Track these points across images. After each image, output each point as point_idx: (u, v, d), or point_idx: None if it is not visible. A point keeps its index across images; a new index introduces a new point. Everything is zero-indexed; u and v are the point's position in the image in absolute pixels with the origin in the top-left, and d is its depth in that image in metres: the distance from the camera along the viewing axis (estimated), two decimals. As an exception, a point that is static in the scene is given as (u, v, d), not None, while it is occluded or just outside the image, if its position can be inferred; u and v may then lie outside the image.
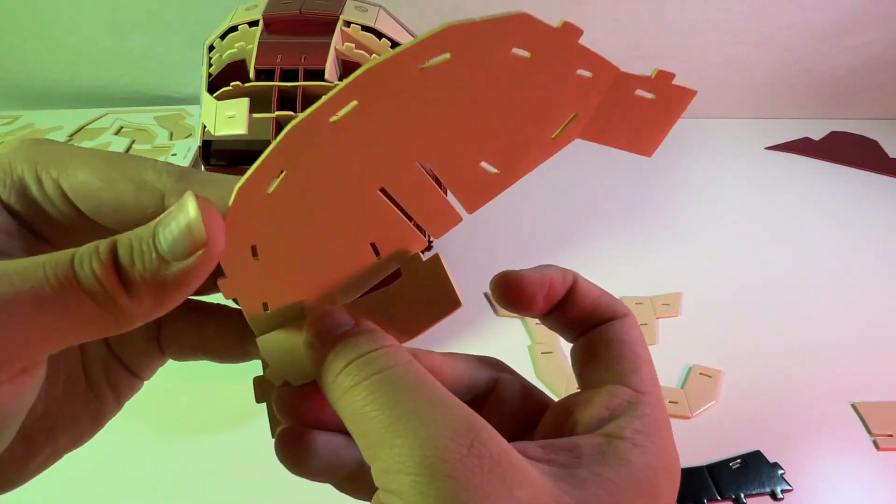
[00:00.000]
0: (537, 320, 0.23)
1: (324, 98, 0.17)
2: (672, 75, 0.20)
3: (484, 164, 0.20)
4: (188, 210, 0.17)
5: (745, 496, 0.40)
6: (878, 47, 0.73)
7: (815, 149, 0.73)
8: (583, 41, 0.19)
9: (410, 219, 0.21)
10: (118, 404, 0.22)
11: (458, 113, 0.19)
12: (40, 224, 0.20)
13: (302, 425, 0.21)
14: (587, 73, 0.19)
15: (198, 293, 0.20)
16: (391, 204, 0.20)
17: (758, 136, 0.75)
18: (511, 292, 0.23)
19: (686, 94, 0.21)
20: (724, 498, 0.40)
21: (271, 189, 0.18)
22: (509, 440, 0.18)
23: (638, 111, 0.21)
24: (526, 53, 0.18)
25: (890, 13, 0.70)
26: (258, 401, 0.22)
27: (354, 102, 0.17)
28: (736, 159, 0.72)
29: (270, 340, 0.21)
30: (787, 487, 0.40)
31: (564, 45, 0.18)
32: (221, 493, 0.41)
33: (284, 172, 0.18)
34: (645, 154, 0.22)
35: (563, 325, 0.23)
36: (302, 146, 0.18)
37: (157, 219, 0.17)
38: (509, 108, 0.19)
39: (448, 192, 0.21)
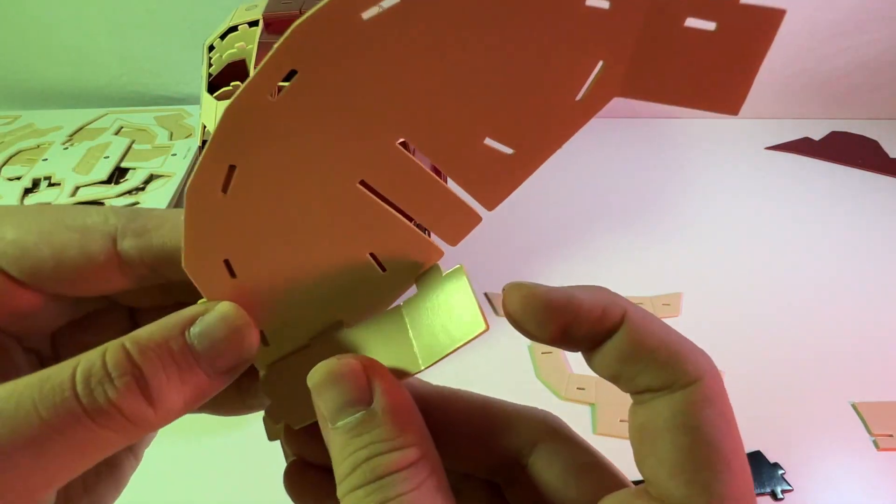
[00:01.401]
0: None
1: (254, 72, 0.14)
2: None
3: (491, 143, 0.16)
4: (221, 306, 0.16)
5: (746, 496, 0.40)
6: (878, 47, 0.73)
7: (815, 149, 0.73)
8: None
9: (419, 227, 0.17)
10: (136, 459, 0.21)
11: (435, 74, 0.14)
12: None
13: (312, 462, 0.20)
14: (603, 3, 0.14)
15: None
16: (380, 200, 0.17)
17: (758, 136, 0.75)
18: (511, 308, 0.17)
19: (767, 16, 0.15)
20: (724, 498, 0.40)
21: (227, 191, 0.15)
22: None
23: (698, 50, 0.15)
24: None
25: (890, 13, 0.70)
26: (270, 439, 0.20)
27: (297, 73, 0.14)
28: (736, 159, 0.72)
29: (275, 375, 0.18)
30: (788, 487, 0.40)
31: None
32: (220, 493, 0.41)
33: (236, 167, 0.15)
34: (730, 111, 0.16)
35: (611, 376, 0.17)
36: (244, 133, 0.15)
37: (177, 316, 0.15)
38: (505, 64, 0.14)
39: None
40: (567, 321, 0.16)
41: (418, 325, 0.18)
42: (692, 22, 0.14)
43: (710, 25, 0.14)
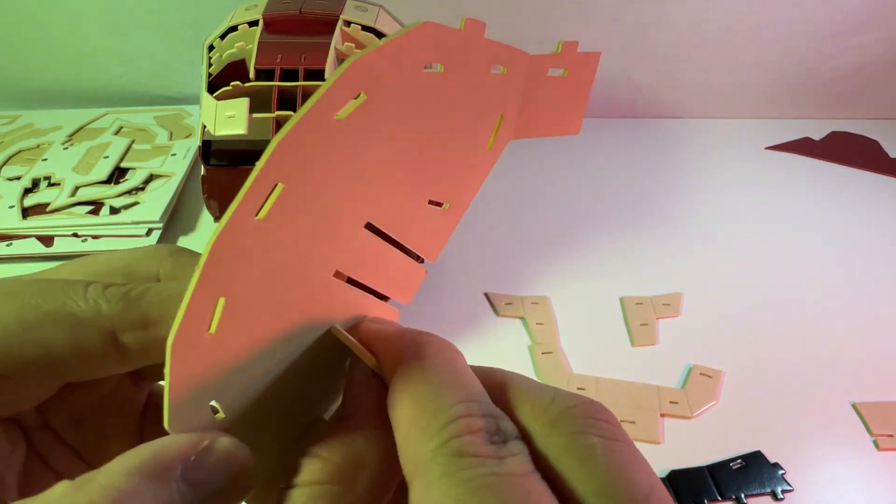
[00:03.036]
0: (539, 320, 0.21)
1: (241, 193, 0.14)
2: (576, 44, 0.19)
3: (432, 203, 0.18)
4: (221, 443, 0.13)
5: (746, 496, 0.40)
6: (878, 47, 0.73)
7: (816, 149, 0.73)
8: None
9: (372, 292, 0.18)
10: None
11: (390, 156, 0.16)
12: None
13: None
14: (500, 69, 0.18)
15: None
16: (351, 285, 0.17)
17: (758, 136, 0.75)
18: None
19: (591, 58, 0.19)
20: (724, 498, 0.40)
21: (212, 328, 0.14)
22: None
23: (554, 91, 0.19)
24: (439, 67, 0.16)
25: (890, 13, 0.70)
26: None
27: (280, 186, 0.14)
28: (736, 159, 0.72)
29: None
30: (788, 488, 0.40)
31: (472, 44, 0.17)
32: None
33: (223, 301, 0.14)
34: (573, 132, 0.21)
35: None
36: (231, 261, 0.14)
37: (165, 452, 0.13)
38: (439, 133, 0.17)
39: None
40: None
41: None
42: (552, 72, 0.19)
43: (560, 72, 0.19)
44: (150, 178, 0.66)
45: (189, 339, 0.13)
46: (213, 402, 0.15)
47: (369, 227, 0.17)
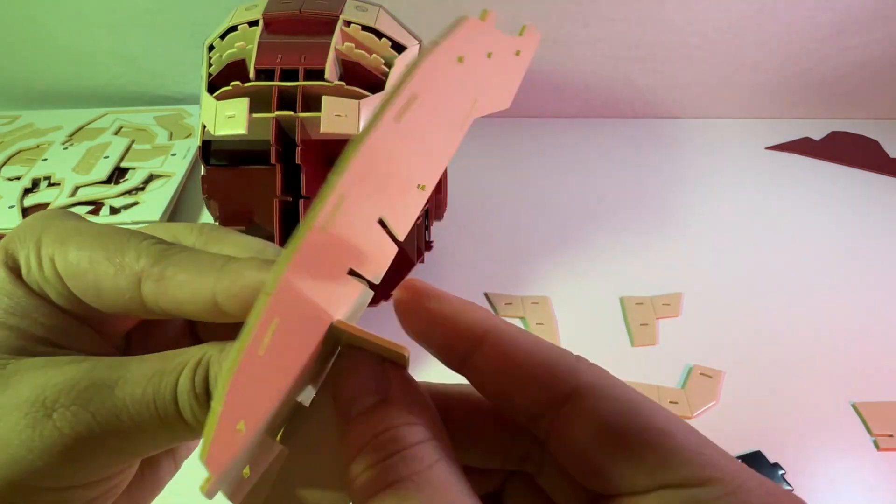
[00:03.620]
0: (539, 320, 0.22)
1: (319, 202, 0.14)
2: (532, 26, 0.20)
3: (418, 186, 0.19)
4: None
5: (746, 496, 0.40)
6: (878, 47, 0.73)
7: (816, 149, 0.73)
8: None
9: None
10: (176, 465, 0.21)
11: (412, 147, 0.17)
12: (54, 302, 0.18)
13: None
14: (488, 55, 0.19)
15: None
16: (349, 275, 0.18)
17: (758, 136, 0.75)
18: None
19: (535, 37, 0.21)
20: (724, 498, 0.40)
21: (262, 349, 0.14)
22: None
23: (509, 72, 0.20)
24: (458, 59, 0.17)
25: (890, 13, 0.70)
26: None
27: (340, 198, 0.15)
28: (736, 159, 0.72)
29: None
30: (788, 488, 0.40)
31: (486, 35, 0.18)
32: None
33: (276, 321, 0.14)
34: (504, 107, 0.21)
35: (582, 472, 0.17)
36: (292, 281, 0.14)
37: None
38: (443, 117, 0.18)
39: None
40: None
41: None
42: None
43: (515, 53, 0.20)
44: (150, 178, 0.66)
45: (251, 355, 0.13)
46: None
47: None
